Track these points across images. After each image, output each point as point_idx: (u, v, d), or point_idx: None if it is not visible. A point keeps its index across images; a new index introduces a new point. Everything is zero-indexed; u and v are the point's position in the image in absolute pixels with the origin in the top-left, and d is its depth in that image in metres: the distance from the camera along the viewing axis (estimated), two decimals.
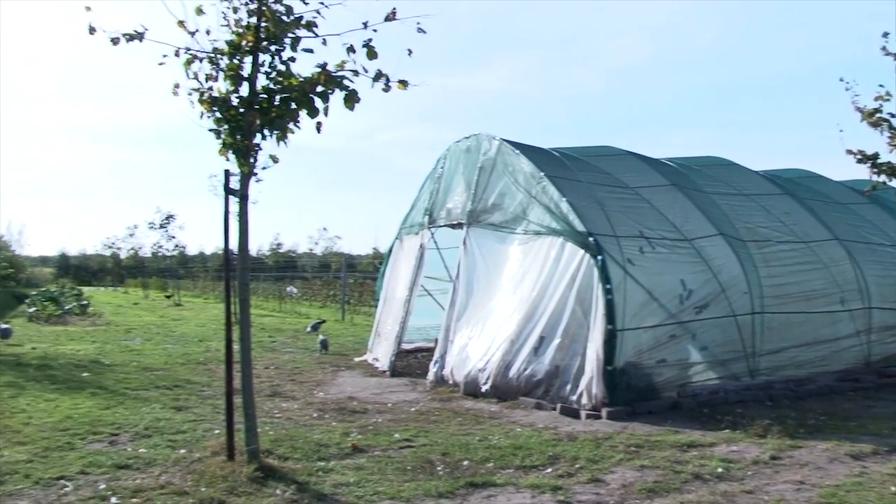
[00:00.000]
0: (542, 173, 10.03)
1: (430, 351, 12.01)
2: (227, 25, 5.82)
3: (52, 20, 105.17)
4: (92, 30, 5.64)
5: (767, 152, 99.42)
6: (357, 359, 13.69)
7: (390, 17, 5.68)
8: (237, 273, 6.39)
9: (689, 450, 6.90)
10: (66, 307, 26.98)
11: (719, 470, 6.19)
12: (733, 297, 9.75)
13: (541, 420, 8.28)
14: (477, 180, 11.26)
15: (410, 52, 5.66)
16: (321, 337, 15.31)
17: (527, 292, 9.70)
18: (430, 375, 10.82)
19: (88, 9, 5.59)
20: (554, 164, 10.77)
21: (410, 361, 13.04)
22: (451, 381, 10.36)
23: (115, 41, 5.70)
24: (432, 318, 13.39)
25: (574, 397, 8.76)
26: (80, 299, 31.83)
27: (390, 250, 14.67)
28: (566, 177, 10.36)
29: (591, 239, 9.06)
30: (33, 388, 9.94)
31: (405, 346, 13.17)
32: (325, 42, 5.82)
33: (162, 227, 38.97)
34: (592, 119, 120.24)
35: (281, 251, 60.11)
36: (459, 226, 11.67)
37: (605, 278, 8.78)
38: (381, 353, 12.98)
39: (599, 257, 8.90)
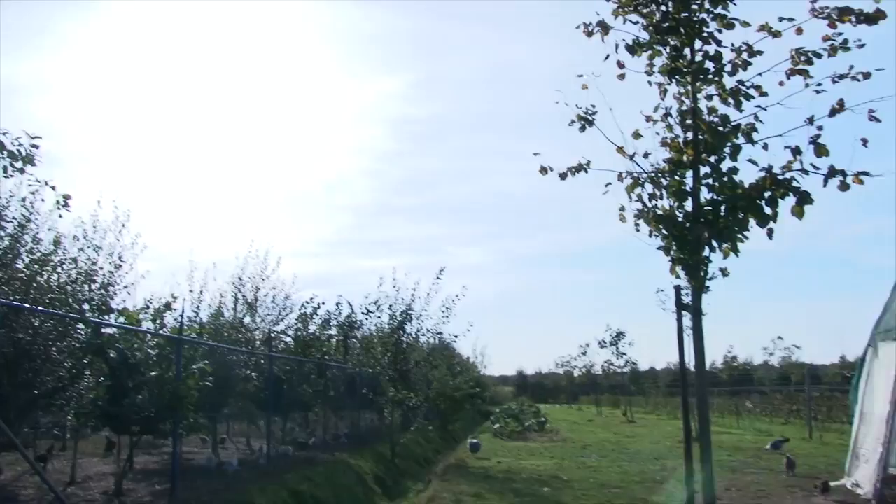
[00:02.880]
0: None
1: None
2: (665, 145, 6.05)
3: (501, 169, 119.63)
4: (543, 170, 6.36)
5: None
6: (832, 483, 12.26)
7: (837, 109, 5.35)
8: (695, 389, 6.30)
9: None
10: (526, 424, 29.39)
11: None
12: None
13: None
14: None
15: (865, 142, 5.22)
16: (787, 456, 14.15)
17: None
18: None
19: (537, 153, 6.34)
20: None
21: None
22: None
23: (563, 176, 6.34)
24: None
25: None
26: (537, 416, 34.42)
27: (862, 360, 13.24)
28: None
29: None
30: (497, 501, 10.80)
31: (893, 471, 11.40)
32: (766, 146, 5.69)
33: (612, 344, 40.64)
34: None
35: (735, 364, 57.42)
36: None
37: None
38: (861, 477, 11.52)
39: None
